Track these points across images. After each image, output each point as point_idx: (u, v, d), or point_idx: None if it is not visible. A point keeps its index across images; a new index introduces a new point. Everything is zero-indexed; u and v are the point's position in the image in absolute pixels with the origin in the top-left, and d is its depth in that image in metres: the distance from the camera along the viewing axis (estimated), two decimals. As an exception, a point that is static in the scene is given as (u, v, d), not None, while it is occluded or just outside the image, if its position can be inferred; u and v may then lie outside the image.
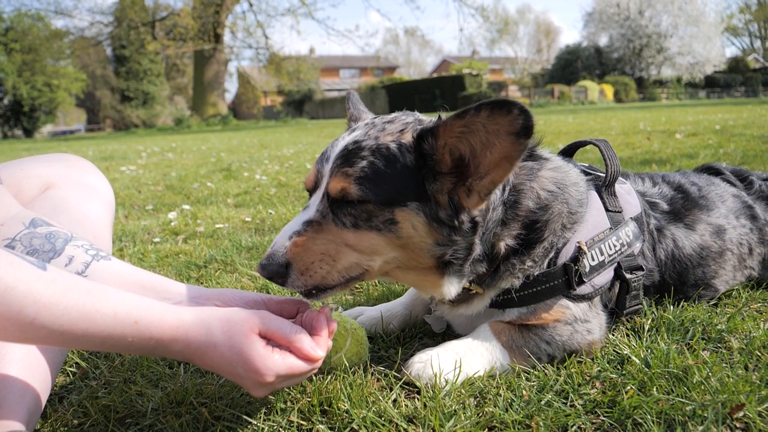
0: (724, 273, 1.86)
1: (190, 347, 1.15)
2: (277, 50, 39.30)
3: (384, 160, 1.34)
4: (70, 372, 1.69)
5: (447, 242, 1.39)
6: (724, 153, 5.75)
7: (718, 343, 1.58)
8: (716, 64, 49.86)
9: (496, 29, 54.62)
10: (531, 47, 70.61)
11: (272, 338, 1.22)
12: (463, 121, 1.26)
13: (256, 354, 1.16)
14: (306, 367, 1.23)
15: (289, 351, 1.22)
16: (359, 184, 1.32)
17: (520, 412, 1.28)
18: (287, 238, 1.35)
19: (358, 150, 1.36)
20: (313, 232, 1.36)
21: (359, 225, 1.35)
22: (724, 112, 14.89)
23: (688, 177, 2.02)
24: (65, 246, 1.36)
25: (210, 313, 1.19)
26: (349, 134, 1.44)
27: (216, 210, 4.47)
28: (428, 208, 1.35)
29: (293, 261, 1.34)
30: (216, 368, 1.18)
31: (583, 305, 1.56)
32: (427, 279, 1.47)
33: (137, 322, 1.11)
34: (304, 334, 1.24)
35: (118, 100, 49.42)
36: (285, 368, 1.19)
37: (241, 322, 1.18)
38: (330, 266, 1.36)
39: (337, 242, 1.36)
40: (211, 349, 1.16)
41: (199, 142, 15.65)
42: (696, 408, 1.23)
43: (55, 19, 46.81)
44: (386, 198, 1.33)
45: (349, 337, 1.52)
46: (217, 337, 1.16)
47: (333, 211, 1.36)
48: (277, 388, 1.24)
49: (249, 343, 1.17)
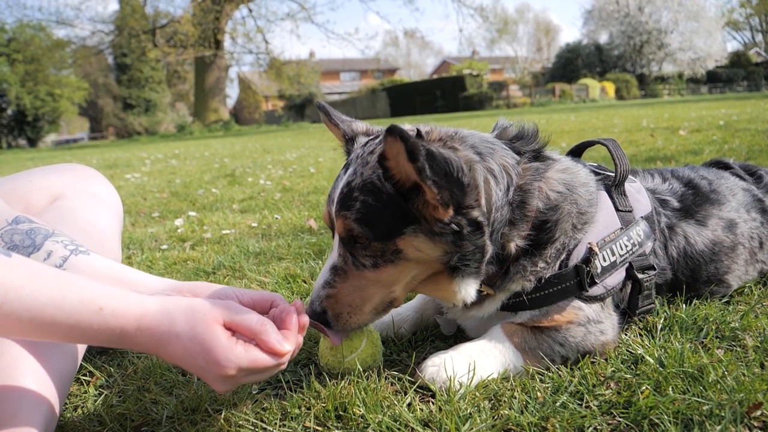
0: (737, 268, 1.86)
1: (153, 338, 1.13)
2: (277, 55, 39.45)
3: (372, 195, 1.37)
4: (84, 381, 1.70)
5: (455, 249, 1.39)
6: (729, 149, 5.73)
7: (732, 341, 1.58)
8: (718, 59, 49.72)
9: (495, 29, 54.73)
10: (531, 46, 70.61)
11: (237, 330, 1.18)
12: (386, 148, 1.28)
13: (218, 345, 1.13)
14: (271, 362, 1.18)
15: (255, 344, 1.18)
16: (359, 224, 1.37)
17: (535, 414, 1.28)
18: (321, 287, 1.46)
19: (351, 192, 1.39)
20: (341, 281, 1.45)
21: (378, 264, 1.41)
22: (727, 107, 14.84)
23: (697, 171, 2.02)
24: (45, 241, 1.37)
25: (174, 303, 1.17)
26: (344, 172, 1.47)
27: (222, 216, 4.48)
28: (422, 226, 1.37)
29: (328, 310, 1.45)
30: (178, 360, 1.15)
31: (596, 306, 1.56)
32: (442, 287, 1.48)
33: (102, 309, 1.09)
34: (270, 327, 1.20)
35: (121, 108, 49.63)
36: (248, 361, 1.15)
37: (204, 312, 1.15)
38: (358, 315, 1.46)
39: (361, 287, 1.44)
40: (174, 340, 1.13)
41: (201, 149, 15.69)
42: (713, 407, 1.23)
43: (57, 29, 46.96)
44: (385, 232, 1.37)
45: (364, 337, 1.53)
46: (180, 327, 1.13)
47: (351, 253, 1.43)
48: (241, 383, 1.20)
49: (211, 333, 1.13)
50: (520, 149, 1.56)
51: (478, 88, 39.81)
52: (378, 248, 1.39)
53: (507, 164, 1.48)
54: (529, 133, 1.60)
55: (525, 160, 1.54)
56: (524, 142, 1.59)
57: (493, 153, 1.48)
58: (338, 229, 1.42)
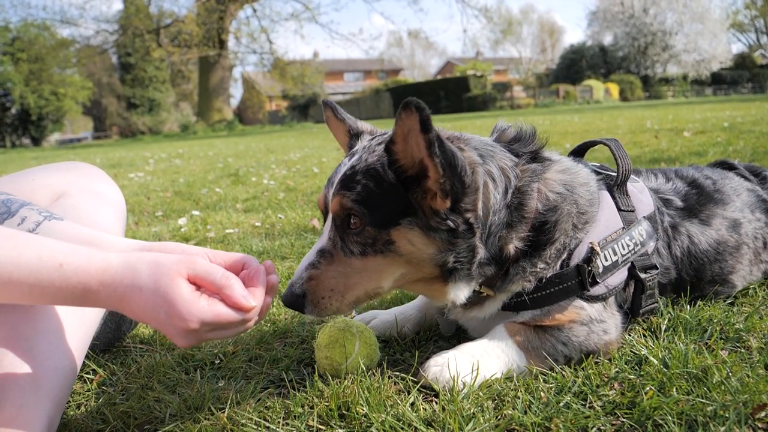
0: (741, 268, 1.85)
1: (116, 292, 1.11)
2: (281, 55, 39.52)
3: (374, 180, 1.38)
4: (87, 379, 1.70)
5: (448, 247, 1.40)
6: (733, 150, 5.71)
7: (736, 343, 1.57)
8: (722, 61, 49.56)
9: (499, 30, 54.75)
10: (535, 47, 70.52)
11: (202, 284, 1.16)
12: (399, 125, 1.29)
13: (180, 298, 1.10)
14: (236, 317, 1.16)
15: (219, 299, 1.16)
16: (357, 204, 1.37)
17: (539, 414, 1.28)
18: (304, 269, 1.44)
19: (354, 175, 1.40)
20: (326, 264, 1.43)
21: (366, 252, 1.40)
22: (731, 109, 14.80)
23: (701, 171, 2.01)
24: (20, 209, 1.37)
25: (138, 257, 1.15)
26: (348, 159, 1.48)
27: (225, 215, 4.48)
28: (419, 219, 1.38)
29: (308, 293, 1.42)
30: (141, 315, 1.13)
31: (598, 306, 1.56)
32: (433, 288, 1.49)
33: (62, 265, 1.08)
34: (236, 281, 1.18)
35: (124, 108, 49.74)
36: (211, 315, 1.12)
37: (168, 266, 1.13)
38: (339, 301, 1.43)
39: (346, 273, 1.43)
40: (137, 293, 1.11)
41: (205, 148, 15.71)
42: (717, 408, 1.22)
43: (61, 29, 47.07)
44: (380, 219, 1.37)
45: (356, 340, 1.52)
46: (143, 280, 1.11)
47: (342, 238, 1.43)
48: (205, 339, 1.17)
49: (174, 286, 1.11)
50: (518, 151, 1.56)
51: (481, 89, 39.77)
52: (370, 235, 1.39)
53: (506, 167, 1.49)
54: (527, 134, 1.61)
55: (523, 162, 1.54)
56: (522, 143, 1.59)
57: (493, 155, 1.49)
58: (334, 208, 1.42)
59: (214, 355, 1.77)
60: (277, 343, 1.84)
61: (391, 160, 1.37)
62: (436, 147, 1.27)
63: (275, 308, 2.16)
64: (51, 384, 1.30)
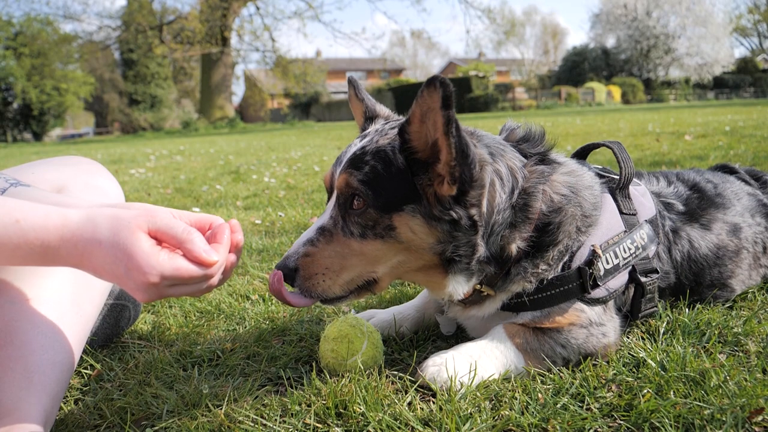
0: (741, 272, 1.85)
1: (77, 248, 1.10)
2: (283, 53, 39.50)
3: (383, 163, 1.39)
4: (84, 374, 1.70)
5: (448, 239, 1.41)
6: (734, 154, 5.71)
7: (734, 346, 1.57)
8: (725, 65, 49.53)
9: (502, 31, 54.67)
10: (538, 49, 70.44)
11: (163, 238, 1.14)
12: (419, 103, 1.29)
13: (139, 250, 1.08)
14: (197, 272, 1.13)
15: (181, 254, 1.14)
16: (363, 185, 1.38)
17: (536, 415, 1.28)
18: (302, 244, 1.44)
19: (363, 155, 1.41)
20: (324, 242, 1.44)
21: (366, 234, 1.41)
22: (733, 113, 14.79)
23: (702, 175, 2.01)
24: None
25: (98, 212, 1.13)
26: (360, 140, 1.49)
27: (225, 213, 4.48)
28: (423, 207, 1.38)
29: (301, 269, 1.42)
30: (102, 270, 1.12)
31: (598, 308, 1.56)
32: (432, 279, 1.49)
33: (19, 221, 1.07)
34: (197, 236, 1.15)
35: (126, 104, 49.73)
36: (171, 269, 1.10)
37: (128, 219, 1.11)
38: (332, 280, 1.43)
39: (343, 254, 1.43)
40: (96, 248, 1.09)
41: (206, 145, 15.71)
42: (714, 412, 1.22)
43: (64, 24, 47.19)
44: (384, 203, 1.38)
45: (365, 340, 1.52)
46: (103, 234, 1.09)
47: (343, 217, 1.43)
48: (166, 294, 1.14)
49: (134, 239, 1.09)
50: (526, 152, 1.57)
51: (484, 89, 39.76)
52: (372, 218, 1.39)
53: (515, 167, 1.49)
54: (536, 135, 1.62)
55: (531, 163, 1.54)
56: (531, 144, 1.60)
57: (503, 155, 1.50)
58: (339, 185, 1.42)
59: (212, 352, 1.77)
60: (275, 340, 1.84)
61: (403, 141, 1.37)
62: (454, 127, 1.28)
63: (274, 306, 2.16)
64: (48, 378, 1.30)
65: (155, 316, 2.18)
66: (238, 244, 1.26)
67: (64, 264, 1.13)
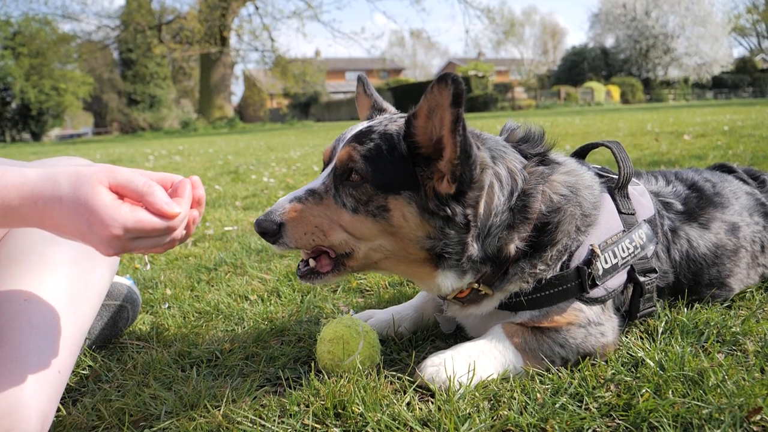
0: (739, 271, 1.85)
1: (37, 205, 1.10)
2: (282, 53, 39.47)
3: (387, 144, 1.40)
4: (82, 375, 1.70)
5: (439, 235, 1.41)
6: (733, 154, 5.72)
7: (732, 346, 1.57)
8: (724, 65, 49.52)
9: (501, 31, 54.63)
10: (537, 49, 70.42)
11: (124, 192, 1.14)
12: (427, 98, 1.30)
13: (101, 203, 1.09)
14: (160, 224, 1.14)
15: (143, 207, 1.14)
16: (364, 159, 1.39)
17: (534, 415, 1.28)
18: (288, 201, 1.44)
19: (369, 133, 1.43)
20: (313, 203, 1.44)
21: (358, 209, 1.41)
22: (732, 112, 14.80)
23: (701, 174, 2.02)
24: None
25: (57, 170, 1.13)
26: (367, 122, 1.51)
27: (225, 213, 4.48)
28: (420, 198, 1.39)
29: (287, 224, 1.41)
30: (64, 227, 1.12)
31: (596, 308, 1.56)
32: (420, 271, 1.50)
33: None
34: (158, 188, 1.16)
35: (125, 104, 49.68)
36: (134, 221, 1.10)
37: (88, 175, 1.11)
38: (321, 240, 1.43)
39: (332, 219, 1.43)
40: (57, 204, 1.09)
41: (206, 145, 15.70)
42: (712, 411, 1.22)
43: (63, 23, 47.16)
44: (383, 182, 1.39)
45: (361, 340, 1.52)
46: (63, 190, 1.09)
47: (336, 188, 1.44)
48: (130, 248, 1.15)
49: (94, 193, 1.09)
50: (526, 152, 1.58)
51: (483, 89, 39.72)
52: (367, 193, 1.39)
53: (515, 169, 1.50)
54: (535, 136, 1.63)
55: (532, 165, 1.55)
56: (530, 144, 1.61)
57: (504, 157, 1.50)
58: (341, 156, 1.42)
59: (211, 352, 1.77)
60: (274, 341, 1.83)
61: (408, 132, 1.38)
62: (461, 126, 1.28)
63: (272, 306, 2.16)
64: (45, 379, 1.29)
65: (154, 316, 2.18)
66: (199, 199, 1.26)
67: (25, 224, 1.13)
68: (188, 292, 2.44)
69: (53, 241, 1.50)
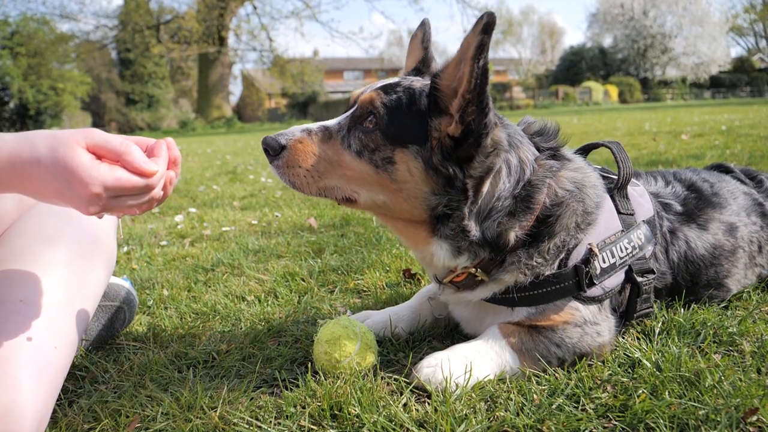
0: (737, 272, 1.85)
1: (16, 169, 1.11)
2: (281, 53, 39.46)
3: (409, 98, 1.45)
4: (79, 376, 1.69)
5: (442, 191, 1.44)
6: (730, 154, 5.72)
7: (729, 347, 1.57)
8: (721, 65, 49.56)
9: (499, 30, 54.62)
10: (535, 48, 70.37)
11: (101, 153, 1.16)
12: (462, 45, 1.33)
13: (79, 163, 1.10)
14: (139, 182, 1.15)
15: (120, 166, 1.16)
16: (384, 107, 1.43)
17: (531, 416, 1.28)
18: (300, 129, 1.49)
19: (396, 86, 1.48)
20: (320, 140, 1.48)
21: (362, 154, 1.44)
22: (729, 112, 14.82)
23: (699, 174, 2.02)
24: None
25: (34, 133, 1.15)
26: (398, 78, 1.56)
27: (222, 213, 4.47)
28: (425, 151, 1.41)
29: (289, 149, 1.46)
30: (44, 189, 1.13)
31: (593, 307, 1.56)
32: (416, 233, 1.52)
33: None
34: (135, 148, 1.17)
35: (123, 103, 49.56)
36: (113, 179, 1.12)
37: (66, 136, 1.13)
38: (312, 181, 1.47)
39: (332, 161, 1.46)
40: (36, 166, 1.11)
41: (204, 145, 15.69)
42: (709, 412, 1.22)
43: (61, 23, 47.09)
44: (393, 133, 1.43)
45: (358, 341, 1.52)
46: (41, 151, 1.11)
47: (349, 129, 1.48)
48: (110, 207, 1.17)
49: (72, 153, 1.11)
50: (539, 145, 1.61)
51: (481, 89, 39.68)
52: (376, 140, 1.43)
53: (526, 159, 1.52)
54: (550, 131, 1.66)
55: (543, 157, 1.58)
56: (544, 138, 1.64)
57: (520, 146, 1.53)
58: (363, 98, 1.47)
59: (208, 353, 1.76)
60: (270, 342, 1.83)
61: (433, 84, 1.41)
62: (484, 56, 1.30)
63: (269, 307, 2.16)
64: (40, 380, 1.29)
65: (150, 317, 2.18)
66: (176, 160, 1.28)
67: (5, 189, 1.14)
68: (185, 292, 2.44)
69: (50, 242, 1.50)
